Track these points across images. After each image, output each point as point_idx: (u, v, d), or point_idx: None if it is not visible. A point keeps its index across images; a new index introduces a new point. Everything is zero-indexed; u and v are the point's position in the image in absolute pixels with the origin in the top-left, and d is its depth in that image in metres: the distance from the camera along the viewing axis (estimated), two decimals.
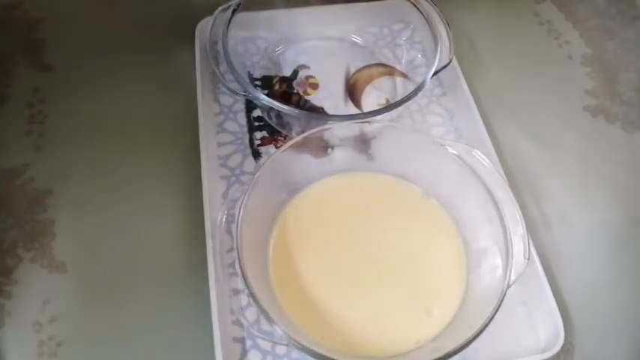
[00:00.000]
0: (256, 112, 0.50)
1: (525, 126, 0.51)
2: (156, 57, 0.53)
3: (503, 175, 0.43)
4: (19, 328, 0.39)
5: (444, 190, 0.43)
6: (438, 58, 0.45)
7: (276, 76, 0.51)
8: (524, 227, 0.36)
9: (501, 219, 0.37)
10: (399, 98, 0.43)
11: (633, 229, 0.46)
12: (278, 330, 0.33)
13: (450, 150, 0.40)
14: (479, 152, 0.39)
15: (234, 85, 0.44)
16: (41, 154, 0.46)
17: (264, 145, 0.48)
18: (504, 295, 0.34)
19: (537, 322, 0.40)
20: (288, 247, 0.41)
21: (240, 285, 0.40)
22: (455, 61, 0.51)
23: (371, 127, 0.43)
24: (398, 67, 0.52)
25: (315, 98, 0.50)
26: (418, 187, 0.44)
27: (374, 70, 0.52)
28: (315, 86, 0.50)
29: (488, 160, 0.39)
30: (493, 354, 0.38)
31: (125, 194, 0.44)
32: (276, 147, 0.47)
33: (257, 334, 0.35)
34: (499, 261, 0.37)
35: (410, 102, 0.44)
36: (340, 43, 0.53)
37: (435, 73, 0.44)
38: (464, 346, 0.32)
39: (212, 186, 0.43)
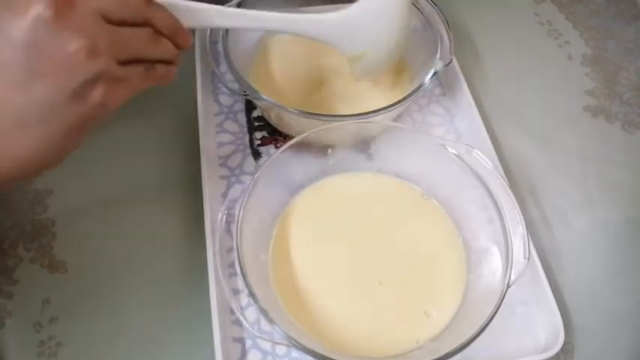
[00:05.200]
0: (256, 112, 0.50)
1: (525, 126, 0.51)
2: None
3: (504, 175, 0.43)
4: (19, 328, 0.39)
5: (444, 190, 0.43)
6: (438, 58, 0.45)
7: None
8: (524, 227, 0.36)
9: (501, 219, 0.37)
10: (399, 98, 0.43)
11: (633, 229, 0.46)
12: (278, 330, 0.33)
13: (450, 150, 0.40)
14: (479, 152, 0.39)
15: (234, 85, 0.44)
16: None
17: (264, 145, 0.48)
18: (504, 295, 0.34)
19: (537, 322, 0.40)
20: (288, 247, 0.41)
21: (240, 285, 0.40)
22: (455, 61, 0.51)
23: (371, 127, 0.43)
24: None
25: None
26: (418, 187, 0.44)
27: None
28: None
29: (488, 160, 0.39)
30: (493, 354, 0.38)
31: (125, 194, 0.44)
32: (276, 147, 0.47)
33: (257, 334, 0.35)
34: (499, 261, 0.37)
35: (410, 102, 0.44)
36: None
37: (435, 73, 0.44)
38: (464, 346, 0.32)
39: (212, 186, 0.43)
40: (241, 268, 0.34)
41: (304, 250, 0.40)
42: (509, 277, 0.35)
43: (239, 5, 0.47)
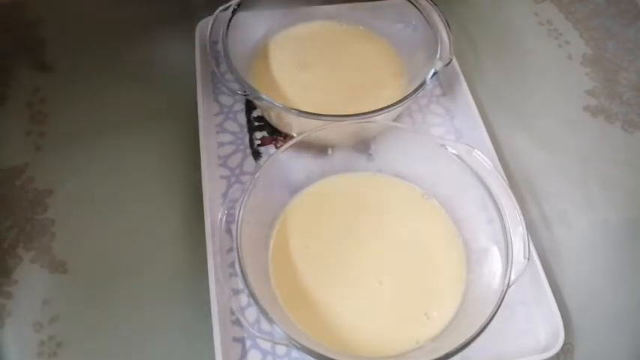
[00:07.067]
0: (256, 112, 0.50)
1: (525, 126, 0.51)
2: (156, 57, 0.53)
3: (504, 175, 0.43)
4: (19, 328, 0.39)
5: (444, 190, 0.43)
6: (438, 58, 0.45)
7: None
8: (524, 227, 0.36)
9: (501, 219, 0.37)
10: (399, 98, 0.43)
11: (633, 229, 0.46)
12: (278, 330, 0.33)
13: (450, 150, 0.40)
14: (479, 152, 0.39)
15: (234, 85, 0.44)
16: (41, 154, 0.46)
17: (264, 145, 0.48)
18: (504, 295, 0.34)
19: (537, 322, 0.40)
20: (288, 247, 0.41)
21: (240, 285, 0.40)
22: (455, 61, 0.51)
23: (371, 127, 0.43)
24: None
25: None
26: (418, 187, 0.44)
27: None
28: None
29: (488, 160, 0.39)
30: (493, 354, 0.38)
31: (125, 194, 0.44)
32: (276, 147, 0.47)
33: (257, 334, 0.35)
34: (499, 261, 0.37)
35: (410, 102, 0.44)
36: None
37: (435, 73, 0.44)
38: (463, 346, 0.32)
39: (212, 186, 0.43)
40: (241, 268, 0.34)
41: (304, 250, 0.40)
42: (509, 277, 0.35)
43: (239, 5, 0.47)
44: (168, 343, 0.39)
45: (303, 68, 0.50)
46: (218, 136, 0.48)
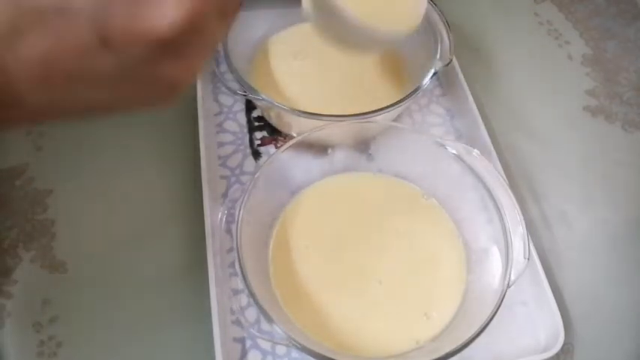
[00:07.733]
0: (256, 112, 0.50)
1: (525, 126, 0.51)
2: None
3: (504, 175, 0.43)
4: (19, 328, 0.39)
5: (444, 190, 0.43)
6: (438, 58, 0.45)
7: None
8: (524, 227, 0.36)
9: (501, 219, 0.37)
10: (399, 98, 0.43)
11: (633, 229, 0.46)
12: (278, 330, 0.33)
13: (450, 150, 0.40)
14: (479, 152, 0.39)
15: (234, 85, 0.44)
16: (41, 154, 0.46)
17: (264, 145, 0.48)
18: (504, 295, 0.34)
19: (537, 322, 0.40)
20: (288, 247, 0.41)
21: (240, 285, 0.40)
22: (455, 61, 0.51)
23: (371, 127, 0.43)
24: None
25: None
26: (418, 187, 0.44)
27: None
28: None
29: (488, 161, 0.39)
30: (493, 354, 0.38)
31: (125, 194, 0.44)
32: (276, 147, 0.47)
33: (257, 334, 0.35)
34: (499, 261, 0.37)
35: (410, 102, 0.44)
36: None
37: (435, 73, 0.44)
38: (463, 346, 0.32)
39: (212, 186, 0.43)
40: (241, 268, 0.34)
41: (304, 250, 0.40)
42: (509, 277, 0.35)
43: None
44: (169, 343, 0.39)
45: (302, 68, 0.50)
46: (218, 136, 0.48)
